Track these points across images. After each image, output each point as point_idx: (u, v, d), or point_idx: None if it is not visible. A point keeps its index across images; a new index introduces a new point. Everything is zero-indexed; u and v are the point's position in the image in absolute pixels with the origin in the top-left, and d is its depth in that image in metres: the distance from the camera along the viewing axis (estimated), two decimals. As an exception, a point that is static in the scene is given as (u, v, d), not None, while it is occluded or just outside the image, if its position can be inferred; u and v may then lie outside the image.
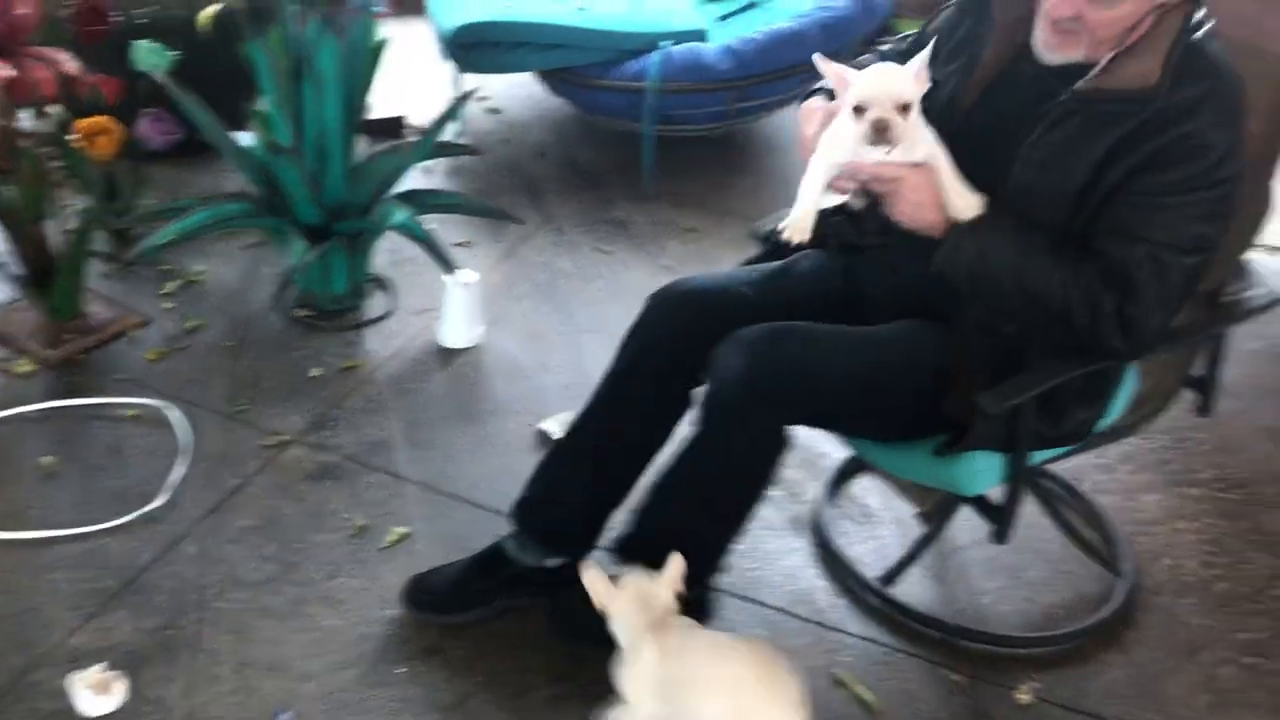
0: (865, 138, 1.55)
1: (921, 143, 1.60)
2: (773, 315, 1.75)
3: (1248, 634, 2.03)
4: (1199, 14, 1.57)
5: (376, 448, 2.32)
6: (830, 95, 1.74)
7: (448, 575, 1.97)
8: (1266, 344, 2.88)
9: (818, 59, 1.63)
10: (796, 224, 1.64)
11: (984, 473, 1.73)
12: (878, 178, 1.62)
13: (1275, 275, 3.26)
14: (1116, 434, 1.90)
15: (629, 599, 1.63)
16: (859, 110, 1.55)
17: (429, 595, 1.96)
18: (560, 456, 1.94)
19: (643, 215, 3.25)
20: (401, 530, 2.11)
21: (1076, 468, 2.38)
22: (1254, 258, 1.96)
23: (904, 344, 1.74)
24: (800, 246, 1.70)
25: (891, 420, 1.77)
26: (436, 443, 2.34)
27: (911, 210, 1.62)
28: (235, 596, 1.98)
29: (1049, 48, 1.61)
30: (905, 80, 1.56)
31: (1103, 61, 1.57)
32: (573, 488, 1.91)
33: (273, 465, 2.26)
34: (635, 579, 1.65)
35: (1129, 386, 1.87)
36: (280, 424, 2.37)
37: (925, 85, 1.58)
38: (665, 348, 1.84)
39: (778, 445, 1.74)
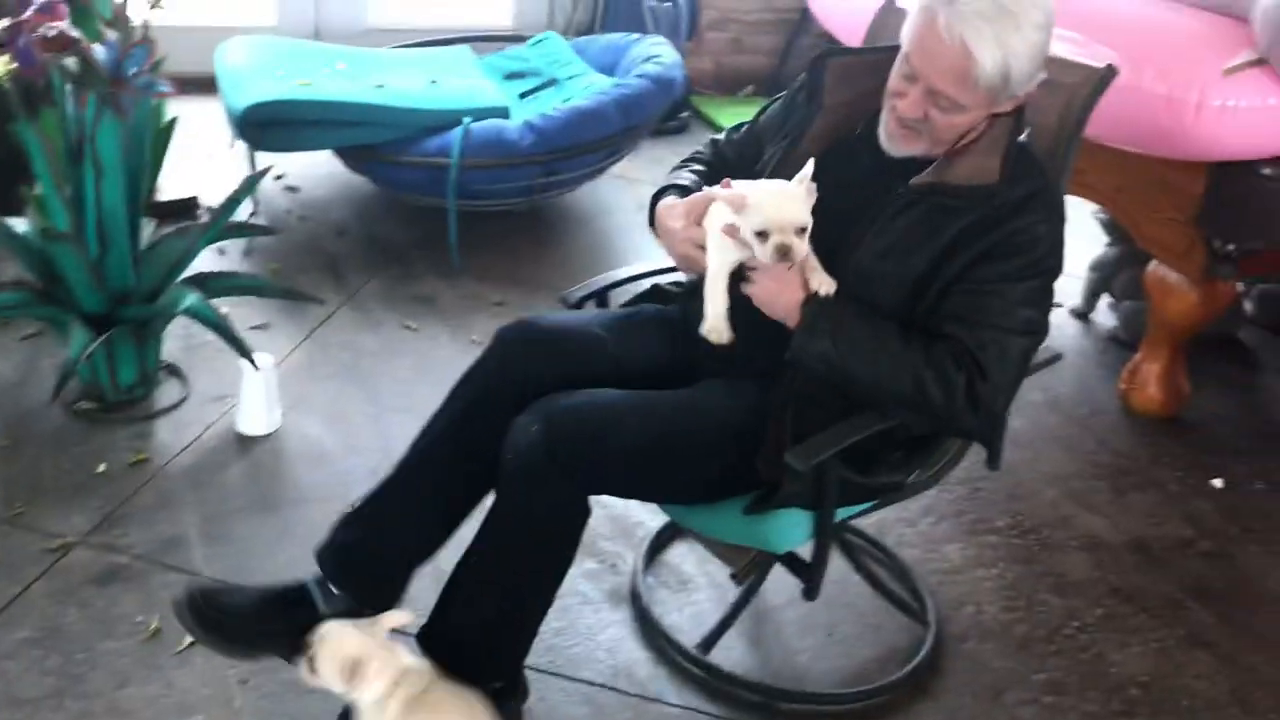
0: (769, 258, 1.63)
1: None
2: (625, 361, 1.81)
3: (1046, 674, 2.12)
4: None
5: (170, 545, 2.19)
6: (682, 191, 1.84)
7: (243, 603, 1.81)
8: (1046, 396, 3.06)
9: (719, 191, 1.70)
10: (715, 328, 1.72)
11: (793, 529, 1.77)
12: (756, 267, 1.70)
13: (1050, 330, 3.48)
14: (914, 489, 1.97)
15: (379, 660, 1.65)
16: (761, 235, 1.63)
17: (219, 615, 1.78)
18: (384, 501, 1.83)
19: (450, 290, 3.22)
20: (199, 631, 1.99)
21: (881, 523, 2.46)
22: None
23: (708, 409, 1.77)
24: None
25: (695, 484, 1.79)
26: (235, 536, 2.23)
27: (770, 295, 1.69)
28: (10, 718, 1.82)
29: (893, 142, 1.73)
30: (801, 204, 1.64)
31: (939, 158, 1.70)
32: (396, 538, 1.81)
33: (55, 571, 2.11)
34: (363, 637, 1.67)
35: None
36: (63, 526, 2.21)
37: (813, 199, 1.66)
38: (515, 387, 1.76)
39: (578, 514, 1.74)
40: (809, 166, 1.67)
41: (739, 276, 1.73)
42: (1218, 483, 2.78)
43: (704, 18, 5.02)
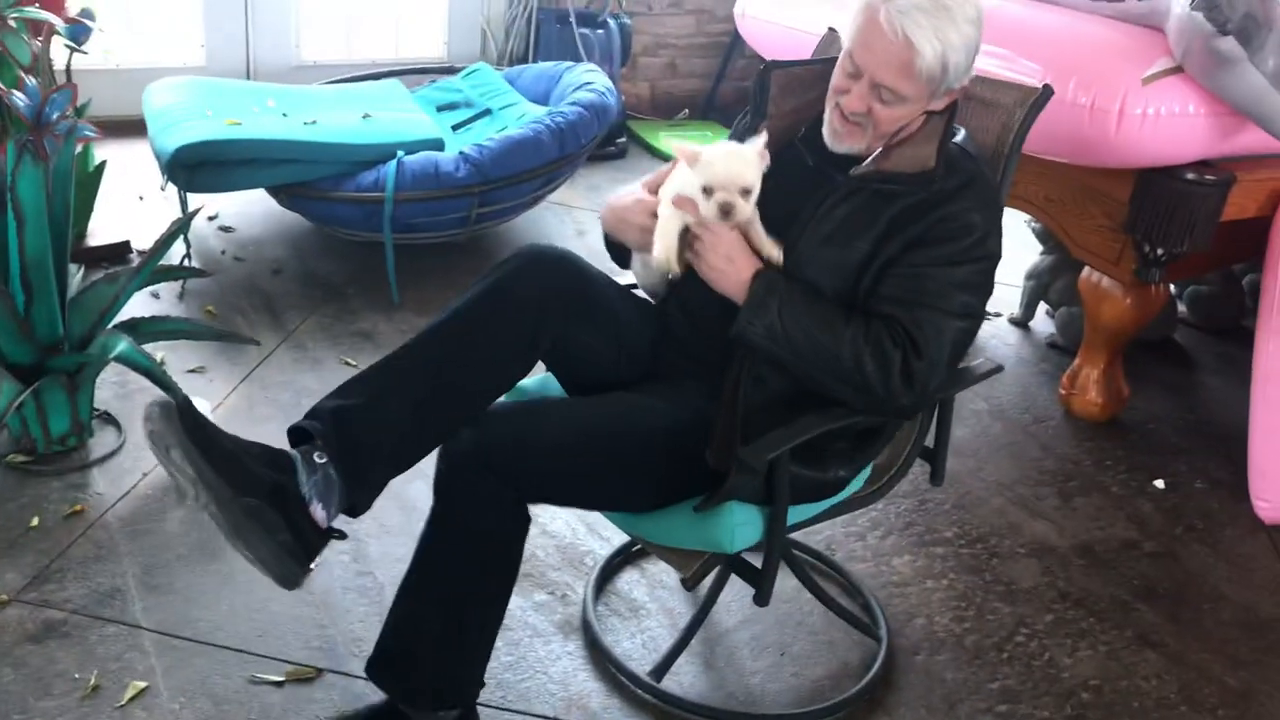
0: (713, 215, 1.70)
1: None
2: (627, 312, 1.86)
3: (999, 683, 2.13)
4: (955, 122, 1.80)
5: (108, 598, 2.14)
6: None
7: (233, 438, 1.67)
8: (990, 404, 3.09)
9: (675, 143, 1.76)
10: (666, 258, 1.76)
11: (744, 528, 1.75)
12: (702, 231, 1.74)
13: (991, 340, 3.53)
14: (860, 502, 1.97)
15: None
16: (707, 191, 1.68)
17: (208, 433, 1.63)
18: (386, 374, 1.76)
19: (389, 325, 3.19)
20: (140, 685, 1.94)
21: (830, 538, 2.47)
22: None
23: (647, 408, 1.80)
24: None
25: (639, 488, 1.79)
26: (176, 585, 2.18)
27: (721, 266, 1.73)
28: (-55, 785, 1.76)
29: (837, 137, 1.80)
30: (750, 166, 1.70)
31: (877, 150, 1.77)
32: (396, 416, 1.69)
33: (-13, 630, 2.05)
34: None
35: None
36: (-5, 583, 2.15)
37: (765, 165, 1.72)
38: (536, 300, 1.78)
39: (517, 522, 1.74)
40: (763, 135, 1.74)
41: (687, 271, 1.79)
42: (1159, 483, 2.82)
43: (637, 43, 5.05)
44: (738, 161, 1.71)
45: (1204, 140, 2.57)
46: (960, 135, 1.80)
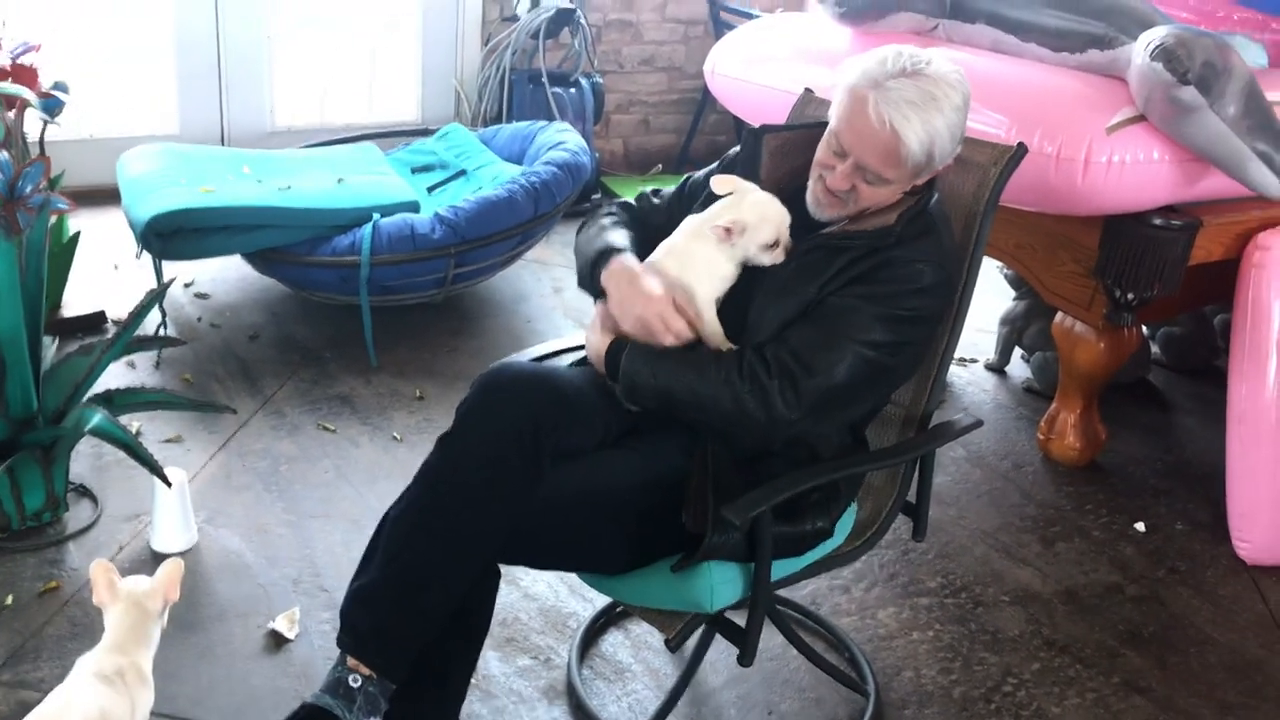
0: (782, 258, 1.78)
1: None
2: (598, 392, 1.82)
3: (987, 734, 2.12)
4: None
5: (85, 676, 2.10)
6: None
7: None
8: (969, 451, 3.10)
9: (719, 180, 1.82)
10: (723, 344, 1.78)
11: (724, 586, 1.74)
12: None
13: (968, 386, 3.54)
14: (843, 559, 1.97)
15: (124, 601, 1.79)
16: (773, 245, 1.77)
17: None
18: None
19: (367, 388, 3.18)
20: (119, 765, 1.91)
21: (814, 592, 2.46)
22: (950, 371, 2.12)
23: (621, 468, 1.79)
24: None
25: (615, 548, 1.78)
26: (155, 659, 2.14)
27: (591, 337, 1.81)
28: None
29: (821, 209, 1.83)
30: (778, 202, 1.80)
31: (848, 217, 1.81)
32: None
33: (-39, 714, 2.01)
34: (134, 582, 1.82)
35: (851, 516, 1.96)
36: (-31, 665, 2.11)
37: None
38: (516, 434, 1.69)
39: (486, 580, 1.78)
40: (737, 180, 1.82)
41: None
42: (1140, 526, 2.83)
43: (610, 101, 5.10)
44: (773, 205, 1.79)
45: (1169, 186, 2.61)
46: (935, 202, 1.82)
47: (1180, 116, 2.48)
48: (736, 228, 1.76)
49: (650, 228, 1.95)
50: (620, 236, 1.89)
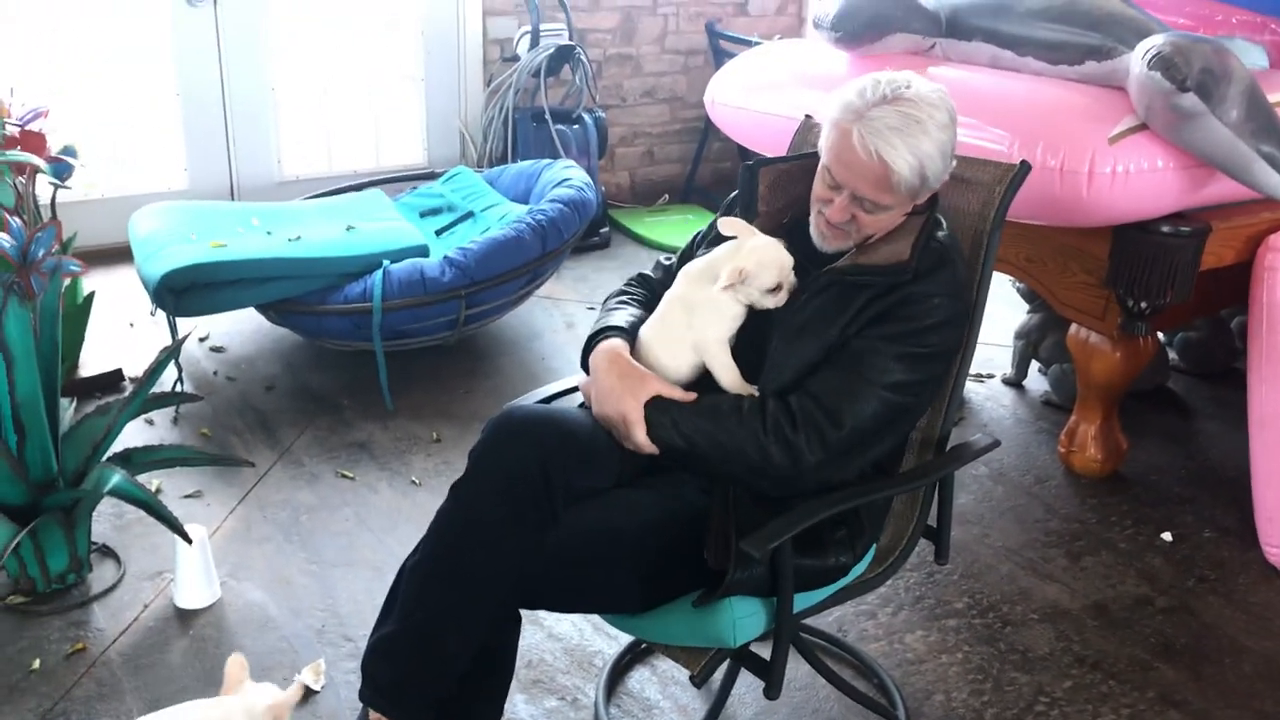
0: (784, 300, 1.79)
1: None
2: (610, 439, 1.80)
3: (1022, 756, 2.09)
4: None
5: (114, 737, 2.11)
6: (621, 332, 1.87)
7: None
8: (991, 468, 3.08)
9: (724, 222, 1.86)
10: (744, 387, 1.79)
11: (747, 620, 1.73)
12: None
13: (986, 402, 3.52)
14: (865, 586, 1.95)
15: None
16: (776, 288, 1.79)
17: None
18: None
19: (384, 433, 3.19)
20: (149, 827, 1.90)
21: (840, 619, 2.44)
22: (967, 387, 2.11)
23: (632, 509, 1.78)
24: None
25: (634, 586, 1.77)
26: (182, 718, 2.14)
27: (607, 406, 1.78)
28: None
29: (825, 241, 1.84)
30: (780, 246, 1.82)
31: (855, 246, 1.82)
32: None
33: (-8, 781, 2.02)
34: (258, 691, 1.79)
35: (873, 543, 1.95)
36: (-1, 731, 2.12)
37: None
38: (527, 478, 1.68)
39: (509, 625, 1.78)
40: (740, 223, 1.84)
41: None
42: (1167, 536, 2.80)
43: (614, 134, 5.13)
44: (775, 250, 1.80)
45: (1176, 193, 2.60)
46: (943, 232, 1.83)
47: (1182, 123, 2.48)
48: (739, 277, 1.77)
49: (665, 292, 1.97)
50: (622, 316, 1.93)
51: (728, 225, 1.85)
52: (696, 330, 1.81)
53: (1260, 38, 3.11)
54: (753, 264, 1.77)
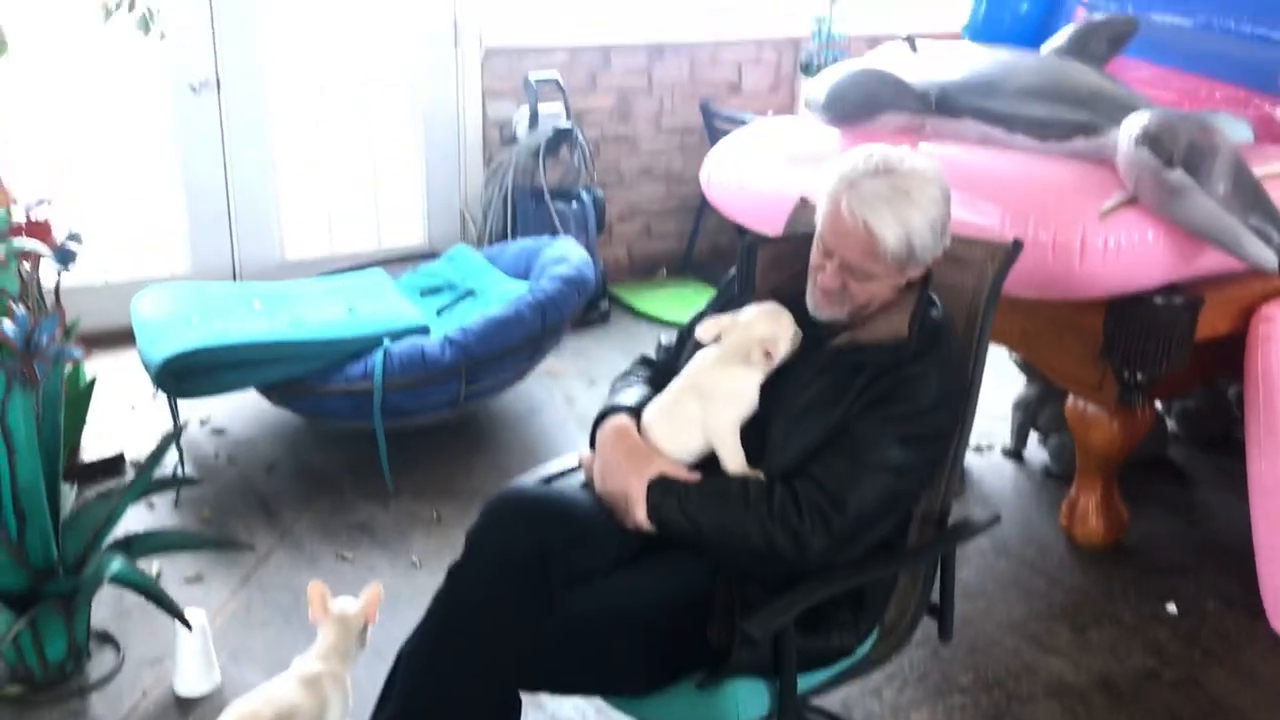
0: (762, 365, 1.83)
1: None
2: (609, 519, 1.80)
3: (1032, 838, 2.06)
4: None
5: (111, 830, 2.08)
6: (629, 411, 1.89)
7: None
8: (993, 541, 3.07)
9: (701, 329, 1.89)
10: (750, 470, 1.80)
11: (750, 700, 1.73)
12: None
13: (986, 473, 3.52)
14: (869, 665, 1.95)
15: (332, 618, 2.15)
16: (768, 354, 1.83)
17: None
18: None
19: (385, 514, 3.19)
20: None
21: (845, 697, 2.42)
22: (967, 459, 2.12)
23: (631, 591, 1.78)
24: None
25: (637, 667, 1.76)
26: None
27: (613, 486, 1.79)
28: None
29: (819, 309, 1.88)
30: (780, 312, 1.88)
31: (849, 319, 1.85)
32: None
33: None
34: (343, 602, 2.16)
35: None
36: (-5, 825, 2.09)
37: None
38: (523, 560, 1.70)
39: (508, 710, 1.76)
40: (720, 317, 1.89)
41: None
42: (1172, 607, 2.79)
43: (611, 211, 5.19)
44: (766, 319, 1.86)
45: (1167, 265, 2.63)
46: (937, 310, 1.85)
47: (1171, 198, 2.51)
48: (770, 346, 1.82)
49: (669, 374, 1.99)
50: (630, 396, 1.96)
51: (709, 329, 1.88)
52: (712, 416, 1.83)
53: (1244, 112, 3.16)
54: (768, 331, 1.83)
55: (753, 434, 1.82)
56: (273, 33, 4.46)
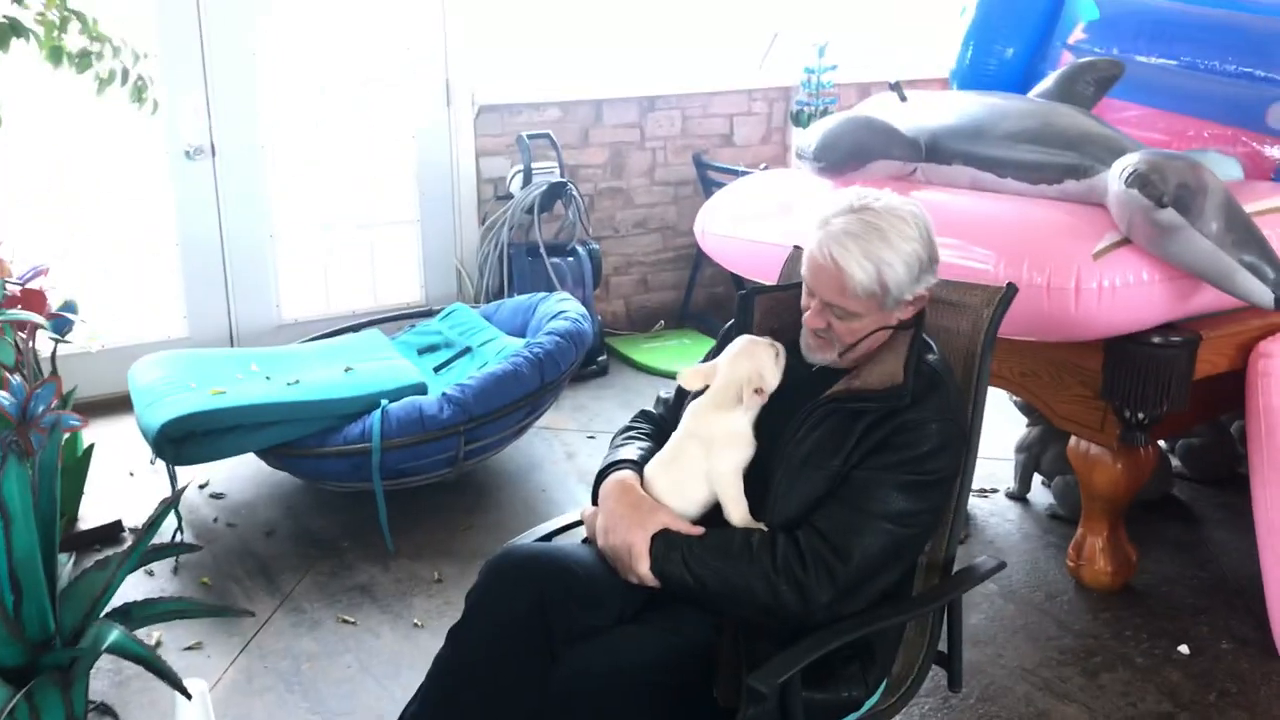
0: (755, 402, 1.84)
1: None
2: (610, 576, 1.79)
3: None
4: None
5: None
6: (633, 465, 1.89)
7: None
8: (1000, 586, 3.04)
9: (685, 378, 1.91)
10: (752, 522, 1.80)
11: None
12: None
13: (991, 517, 3.50)
14: (880, 718, 1.91)
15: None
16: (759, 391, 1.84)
17: None
18: None
19: (385, 575, 3.16)
20: None
21: (856, 752, 2.38)
22: (971, 503, 2.11)
23: (635, 649, 1.76)
24: None
25: None
26: None
27: (615, 540, 1.78)
28: None
29: (810, 351, 1.89)
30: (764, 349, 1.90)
31: (844, 365, 1.86)
32: None
33: None
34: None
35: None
36: None
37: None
38: (524, 619, 1.70)
39: None
40: (701, 366, 1.92)
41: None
42: (1184, 649, 2.75)
43: (608, 265, 5.21)
44: (747, 356, 1.88)
45: (1163, 305, 2.63)
46: (934, 355, 1.85)
47: (1163, 238, 2.52)
48: (758, 383, 1.82)
49: (669, 427, 1.99)
50: (632, 450, 1.96)
51: (693, 379, 1.90)
52: (714, 461, 1.82)
53: (1233, 149, 3.18)
54: (753, 370, 1.83)
55: (754, 486, 1.81)
56: (266, 98, 4.50)
